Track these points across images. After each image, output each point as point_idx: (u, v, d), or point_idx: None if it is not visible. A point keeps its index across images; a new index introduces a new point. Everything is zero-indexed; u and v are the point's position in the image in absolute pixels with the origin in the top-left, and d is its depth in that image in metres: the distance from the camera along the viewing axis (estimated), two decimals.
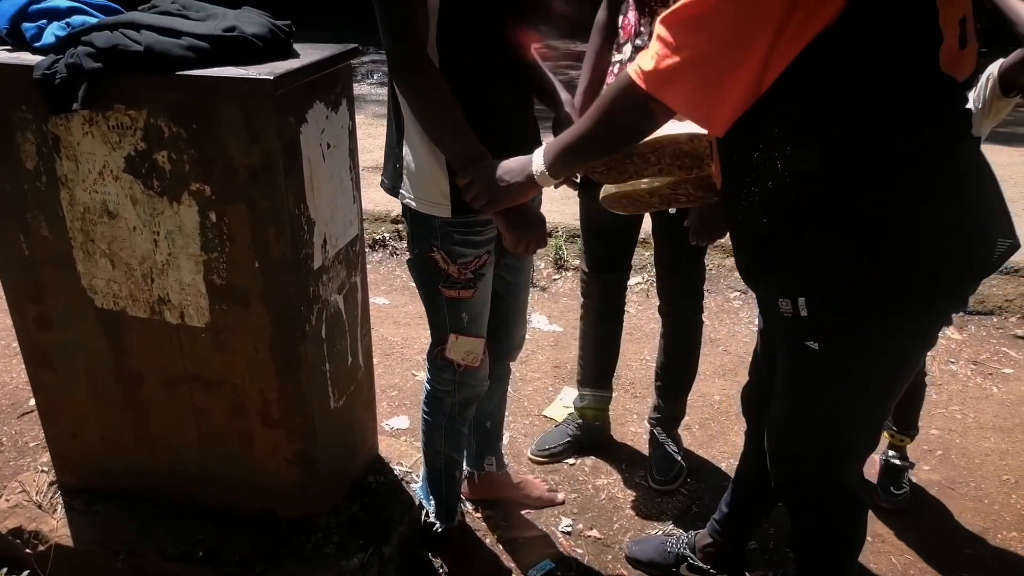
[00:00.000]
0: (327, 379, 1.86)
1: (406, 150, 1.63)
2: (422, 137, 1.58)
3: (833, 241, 1.23)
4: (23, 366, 1.98)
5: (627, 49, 1.99)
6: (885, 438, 2.33)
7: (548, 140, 1.47)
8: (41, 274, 1.81)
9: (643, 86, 1.19)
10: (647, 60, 1.18)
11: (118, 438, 1.97)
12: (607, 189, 1.68)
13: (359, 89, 6.94)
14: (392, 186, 1.72)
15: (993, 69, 1.89)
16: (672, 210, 1.92)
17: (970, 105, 1.90)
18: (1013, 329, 3.15)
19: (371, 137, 5.40)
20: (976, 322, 3.18)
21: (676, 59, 1.12)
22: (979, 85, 1.89)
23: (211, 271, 1.68)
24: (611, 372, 2.52)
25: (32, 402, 2.41)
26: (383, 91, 7.15)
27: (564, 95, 1.76)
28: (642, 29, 1.93)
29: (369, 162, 4.89)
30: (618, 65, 2.05)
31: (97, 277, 1.77)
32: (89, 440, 2.00)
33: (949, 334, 3.11)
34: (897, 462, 2.33)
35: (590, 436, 2.54)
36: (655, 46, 1.16)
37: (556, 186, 1.51)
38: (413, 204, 1.68)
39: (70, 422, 2.00)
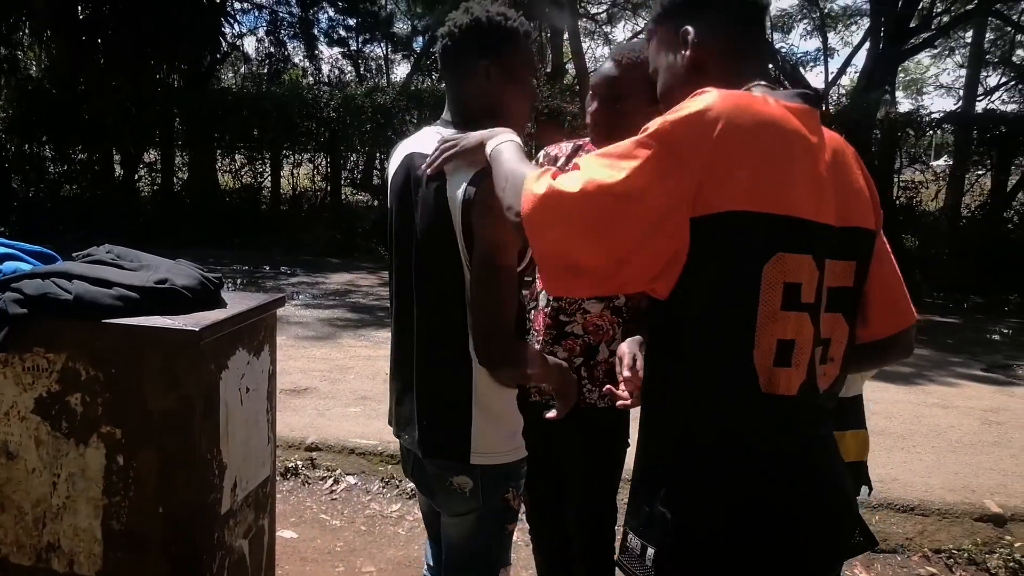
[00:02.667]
0: None
1: (480, 408, 1.54)
2: (495, 389, 1.54)
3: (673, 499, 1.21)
4: None
5: (542, 297, 2.13)
6: None
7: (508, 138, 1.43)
8: None
9: (526, 209, 1.17)
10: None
11: None
12: None
13: (283, 310, 7.05)
14: (460, 453, 1.55)
15: None
16: None
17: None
18: (916, 568, 3.21)
19: (291, 359, 5.43)
20: (882, 560, 3.24)
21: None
22: None
23: (111, 516, 1.62)
24: None
25: None
26: (307, 312, 7.29)
27: None
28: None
29: (287, 384, 4.88)
30: (532, 311, 2.19)
31: None
32: None
33: (857, 573, 3.16)
34: None
35: None
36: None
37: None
38: (493, 460, 1.56)
39: None
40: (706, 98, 1.12)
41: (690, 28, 1.25)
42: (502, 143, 1.39)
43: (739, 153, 1.09)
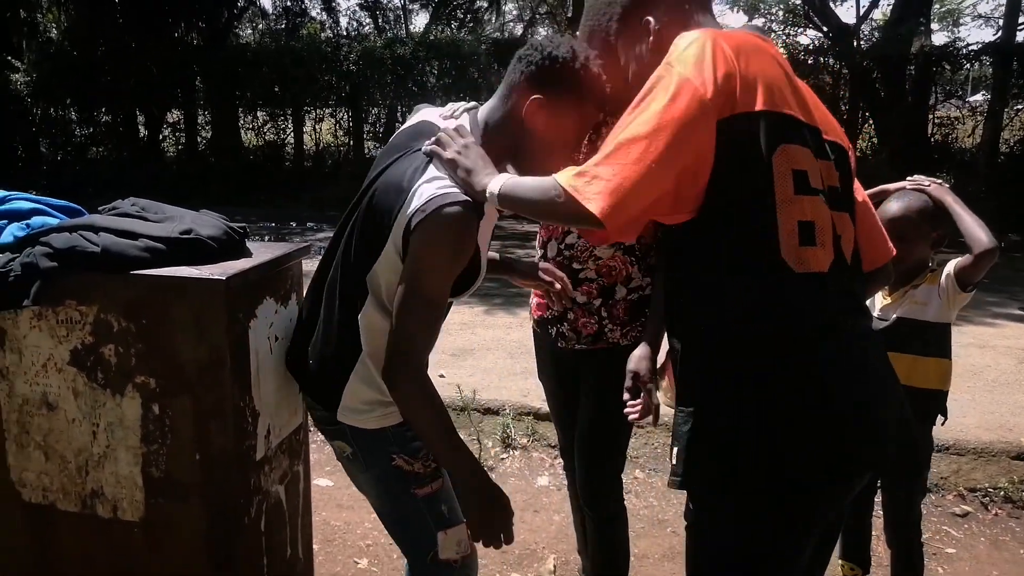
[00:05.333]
0: (264, 574, 1.79)
1: (357, 374, 1.57)
2: (375, 357, 1.54)
3: (698, 405, 1.30)
4: None
5: (551, 247, 2.10)
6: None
7: (509, 175, 1.44)
8: None
9: (569, 192, 1.24)
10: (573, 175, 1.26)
11: None
12: None
13: (310, 265, 7.08)
14: (331, 404, 1.61)
15: (950, 268, 2.14)
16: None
17: (926, 299, 2.13)
18: (951, 507, 3.20)
19: None
20: None
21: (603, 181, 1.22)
22: (941, 282, 2.14)
23: (150, 463, 1.65)
24: None
25: None
26: None
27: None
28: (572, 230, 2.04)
29: None
30: (540, 261, 2.15)
31: (28, 470, 1.73)
32: None
33: None
34: None
35: None
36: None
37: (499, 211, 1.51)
38: (357, 423, 1.59)
39: None
40: (688, 35, 1.27)
41: (650, 18, 1.41)
42: (506, 179, 1.40)
43: (734, 62, 1.23)
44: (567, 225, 1.38)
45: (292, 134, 12.72)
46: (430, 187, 1.43)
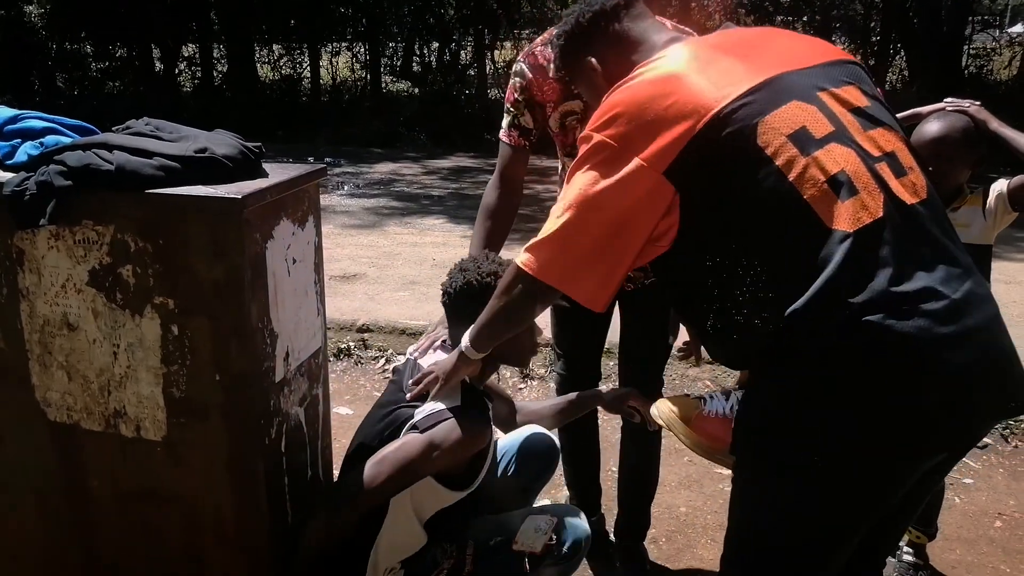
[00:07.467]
0: (285, 494, 1.82)
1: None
2: (383, 549, 1.79)
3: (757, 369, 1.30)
4: None
5: None
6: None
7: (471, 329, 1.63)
8: None
9: (528, 271, 1.35)
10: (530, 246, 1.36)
11: (63, 561, 1.89)
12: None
13: (329, 200, 7.08)
14: None
15: (1001, 186, 2.07)
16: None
17: (968, 220, 2.04)
18: None
19: (339, 247, 5.48)
20: None
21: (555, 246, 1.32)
22: (989, 202, 2.08)
23: (170, 384, 1.66)
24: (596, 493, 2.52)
25: None
26: (352, 202, 7.31)
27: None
28: None
29: (336, 271, 4.94)
30: None
31: (52, 390, 1.75)
32: (30, 565, 1.91)
33: None
34: (910, 558, 2.35)
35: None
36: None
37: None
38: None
39: (12, 544, 1.91)
40: (611, 97, 1.28)
41: (591, 58, 1.45)
42: (468, 337, 1.63)
43: (661, 106, 1.20)
44: (541, 310, 1.52)
45: (308, 68, 12.54)
46: (432, 404, 1.71)
